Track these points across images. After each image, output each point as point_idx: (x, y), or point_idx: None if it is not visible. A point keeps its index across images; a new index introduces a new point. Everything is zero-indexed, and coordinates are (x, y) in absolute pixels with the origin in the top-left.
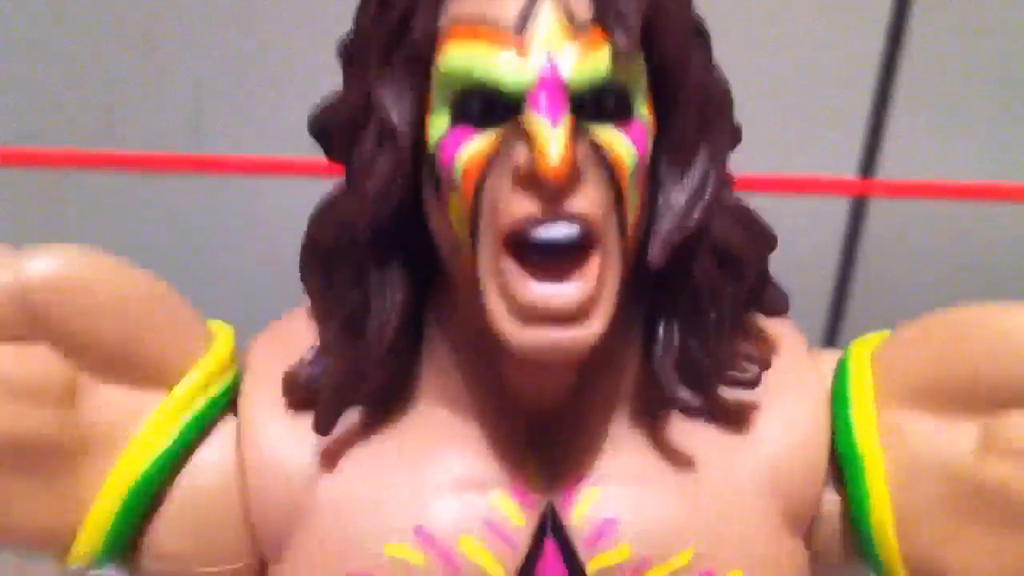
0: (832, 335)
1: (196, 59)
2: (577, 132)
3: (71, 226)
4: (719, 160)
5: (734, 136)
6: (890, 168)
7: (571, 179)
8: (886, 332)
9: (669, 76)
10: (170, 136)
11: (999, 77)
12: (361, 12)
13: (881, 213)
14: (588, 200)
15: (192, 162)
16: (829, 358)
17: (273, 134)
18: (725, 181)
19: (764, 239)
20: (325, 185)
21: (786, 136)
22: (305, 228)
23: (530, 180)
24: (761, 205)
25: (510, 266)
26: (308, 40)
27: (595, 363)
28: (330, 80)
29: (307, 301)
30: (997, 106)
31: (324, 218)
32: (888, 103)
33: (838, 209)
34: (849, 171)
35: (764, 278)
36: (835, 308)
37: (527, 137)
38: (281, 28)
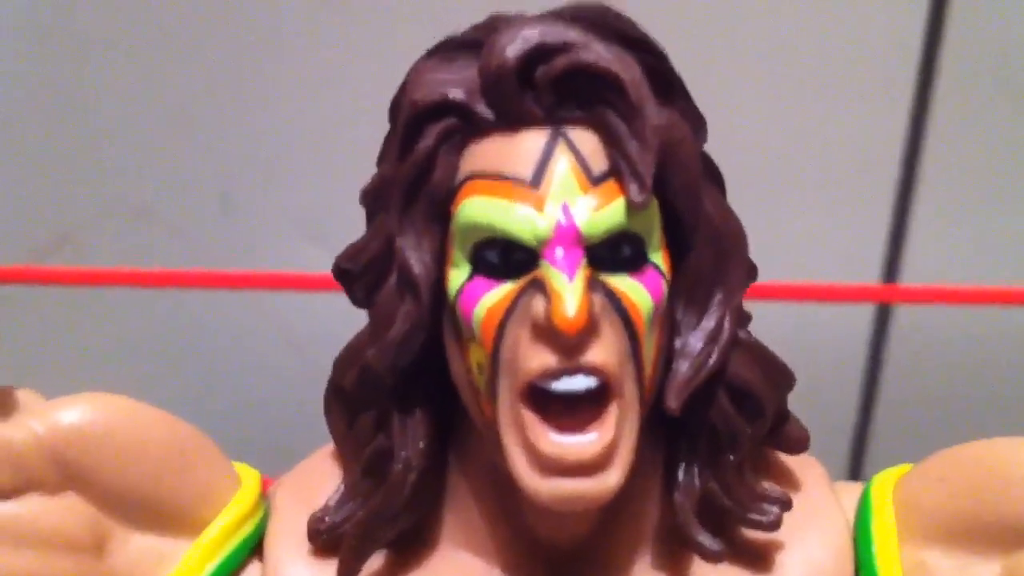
0: (859, 448)
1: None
2: (593, 283)
3: (84, 342)
4: (734, 300)
5: (749, 274)
6: (915, 271)
7: (588, 331)
8: (908, 465)
9: (683, 220)
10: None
11: None
12: (382, 159)
13: (906, 318)
14: (605, 351)
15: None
16: (851, 492)
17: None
18: (741, 321)
19: (781, 377)
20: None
21: (805, 242)
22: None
23: (547, 333)
24: (785, 313)
25: (529, 416)
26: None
27: (616, 504)
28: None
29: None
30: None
31: (348, 362)
32: (910, 204)
33: (862, 316)
34: (872, 275)
35: (783, 415)
36: (862, 419)
37: (544, 290)
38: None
